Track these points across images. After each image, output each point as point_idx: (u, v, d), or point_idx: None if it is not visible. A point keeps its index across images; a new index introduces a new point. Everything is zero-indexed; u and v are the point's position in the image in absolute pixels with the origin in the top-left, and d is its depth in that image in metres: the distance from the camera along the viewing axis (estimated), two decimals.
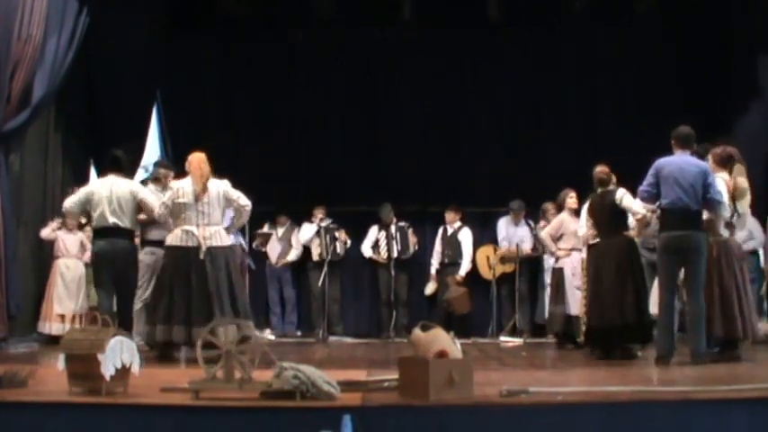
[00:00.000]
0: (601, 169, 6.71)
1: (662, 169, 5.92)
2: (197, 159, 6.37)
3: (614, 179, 6.76)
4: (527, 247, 9.38)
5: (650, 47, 9.70)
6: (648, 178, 6.00)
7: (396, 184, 9.81)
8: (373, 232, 9.78)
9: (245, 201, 6.42)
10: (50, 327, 7.78)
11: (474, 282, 9.75)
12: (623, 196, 6.52)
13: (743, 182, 6.24)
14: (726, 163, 6.23)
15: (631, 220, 6.58)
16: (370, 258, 9.75)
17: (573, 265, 7.66)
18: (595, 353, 6.59)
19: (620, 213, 6.58)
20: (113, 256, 6.48)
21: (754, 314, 6.31)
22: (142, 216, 6.71)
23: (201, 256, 6.17)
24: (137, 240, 7.06)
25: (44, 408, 3.80)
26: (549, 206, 8.51)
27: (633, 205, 6.42)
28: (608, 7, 9.38)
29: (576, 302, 7.54)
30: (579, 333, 7.47)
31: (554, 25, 9.73)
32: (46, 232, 7.98)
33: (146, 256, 7.12)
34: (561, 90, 9.97)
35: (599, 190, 6.73)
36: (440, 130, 10.16)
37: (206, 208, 6.28)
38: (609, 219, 6.60)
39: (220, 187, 6.36)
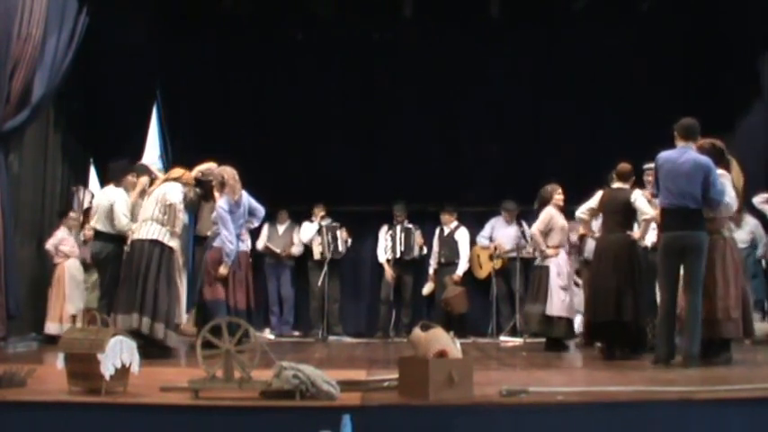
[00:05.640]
0: (624, 165, 6.69)
1: (660, 167, 5.82)
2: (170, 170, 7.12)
3: (633, 179, 6.77)
4: (509, 246, 9.42)
5: (651, 46, 9.69)
6: (654, 177, 5.95)
7: (395, 184, 9.81)
8: (382, 234, 9.79)
9: (169, 197, 6.62)
10: (61, 328, 7.69)
11: (472, 281, 9.77)
12: (638, 197, 6.53)
13: (739, 174, 6.21)
14: (720, 158, 6.02)
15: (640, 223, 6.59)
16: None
17: (559, 264, 7.52)
18: (596, 349, 6.59)
19: (630, 213, 6.58)
20: None
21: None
22: None
23: (127, 249, 6.68)
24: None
25: (43, 407, 3.79)
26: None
27: (645, 207, 6.43)
28: (609, 6, 9.37)
29: (558, 303, 7.36)
30: (562, 334, 7.45)
31: (555, 24, 9.72)
32: (50, 248, 7.97)
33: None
34: (562, 89, 9.95)
35: (616, 185, 6.73)
36: (439, 129, 10.17)
37: (146, 206, 6.71)
38: (616, 215, 6.60)
39: (162, 188, 6.70)
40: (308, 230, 9.65)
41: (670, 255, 5.79)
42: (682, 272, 5.83)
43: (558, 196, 7.68)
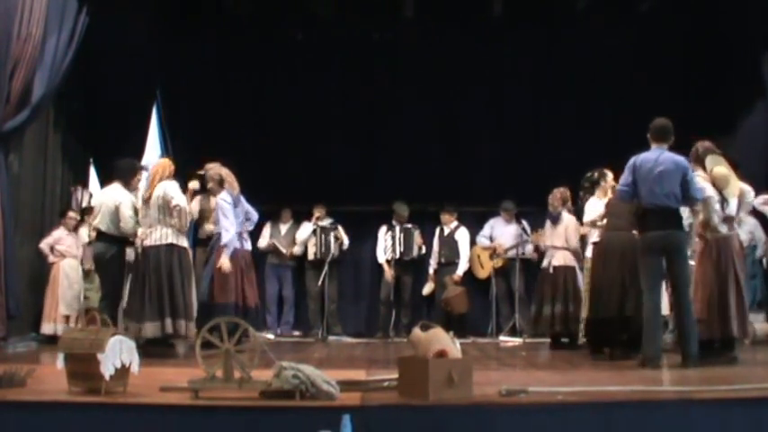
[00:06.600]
0: None
1: (639, 168, 5.81)
2: (156, 165, 6.91)
3: None
4: (509, 244, 9.44)
5: (651, 46, 9.69)
6: (625, 176, 5.89)
7: (395, 184, 9.81)
8: (381, 234, 9.79)
9: (175, 201, 6.57)
10: (55, 328, 7.72)
11: (472, 281, 9.77)
12: None
13: (719, 170, 6.10)
14: (701, 160, 6.10)
15: None
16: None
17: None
18: (595, 349, 6.59)
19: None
20: None
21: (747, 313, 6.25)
22: None
23: (139, 257, 6.65)
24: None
25: (43, 407, 3.79)
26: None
27: None
28: (609, 6, 9.37)
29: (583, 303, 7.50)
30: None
31: (555, 24, 9.72)
32: (45, 247, 7.95)
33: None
34: (562, 89, 9.95)
35: None
36: (439, 129, 10.16)
37: (149, 210, 6.61)
38: (622, 215, 6.61)
39: (161, 190, 6.59)
40: (303, 231, 9.66)
41: (652, 253, 5.79)
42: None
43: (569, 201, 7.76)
